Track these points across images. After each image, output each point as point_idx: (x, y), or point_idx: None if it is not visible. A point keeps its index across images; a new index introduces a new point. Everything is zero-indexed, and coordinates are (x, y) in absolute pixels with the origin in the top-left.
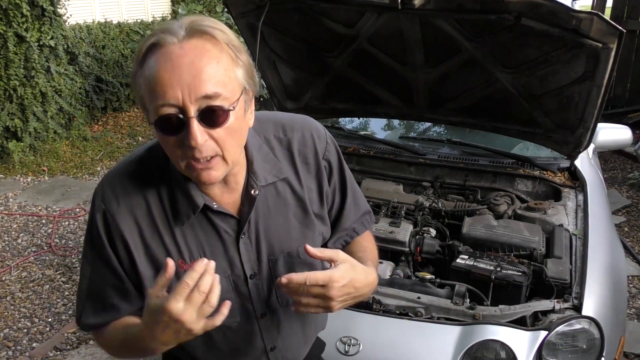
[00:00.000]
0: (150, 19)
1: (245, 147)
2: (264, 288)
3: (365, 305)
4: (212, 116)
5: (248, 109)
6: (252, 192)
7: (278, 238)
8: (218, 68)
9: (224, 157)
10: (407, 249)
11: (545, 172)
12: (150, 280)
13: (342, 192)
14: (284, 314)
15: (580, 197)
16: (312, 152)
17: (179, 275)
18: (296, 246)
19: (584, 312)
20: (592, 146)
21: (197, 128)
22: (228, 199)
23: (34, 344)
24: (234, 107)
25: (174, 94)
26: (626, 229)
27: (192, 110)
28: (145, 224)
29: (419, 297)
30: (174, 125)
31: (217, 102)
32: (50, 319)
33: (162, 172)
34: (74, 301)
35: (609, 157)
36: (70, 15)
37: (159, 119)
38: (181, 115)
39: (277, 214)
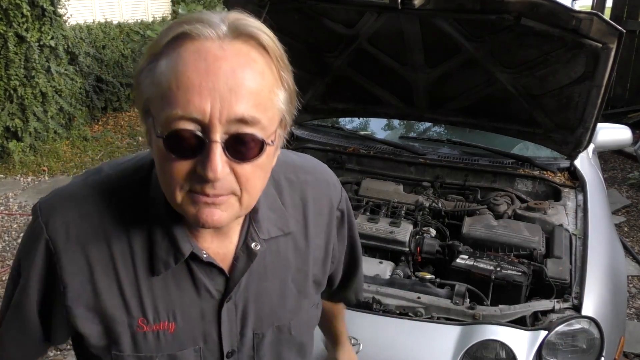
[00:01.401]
0: (150, 19)
1: None
2: None
3: (365, 305)
4: (242, 147)
5: (279, 146)
6: (253, 245)
7: (270, 308)
8: (262, 86)
9: (240, 198)
10: (407, 249)
11: (545, 172)
12: (96, 337)
13: (352, 250)
14: None
15: (580, 197)
16: (327, 200)
17: (135, 338)
18: (289, 319)
19: (584, 312)
20: (592, 146)
21: (219, 156)
22: (218, 249)
23: None
24: (271, 142)
25: (200, 105)
26: (626, 229)
27: (219, 133)
28: (101, 266)
29: (419, 297)
30: (190, 146)
31: (251, 130)
32: None
33: (138, 203)
34: None
35: (609, 157)
36: (71, 15)
37: (172, 134)
38: (201, 135)
39: (274, 277)
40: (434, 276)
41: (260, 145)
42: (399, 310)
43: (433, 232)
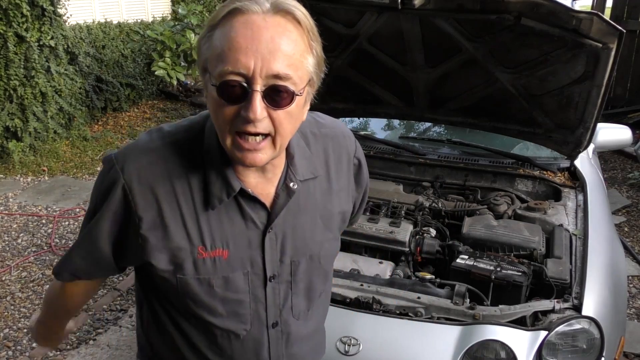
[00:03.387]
0: (150, 19)
1: None
2: (281, 294)
3: (365, 305)
4: (277, 96)
5: (307, 102)
6: (291, 185)
7: (303, 239)
8: (295, 51)
9: (274, 140)
10: (407, 249)
11: (545, 172)
12: (164, 263)
13: (364, 193)
14: (295, 327)
15: (580, 197)
16: (345, 150)
17: (196, 263)
18: (318, 250)
19: (584, 312)
20: (592, 146)
21: (259, 102)
22: (262, 190)
23: (34, 344)
24: (300, 93)
25: (246, 62)
26: (626, 229)
27: (259, 85)
28: (167, 202)
29: (419, 297)
30: (237, 94)
31: (285, 84)
32: None
33: (195, 153)
34: None
35: (609, 157)
36: (70, 15)
37: (223, 83)
38: (246, 85)
39: (306, 213)
40: (434, 276)
41: (292, 96)
42: (399, 310)
43: (433, 232)
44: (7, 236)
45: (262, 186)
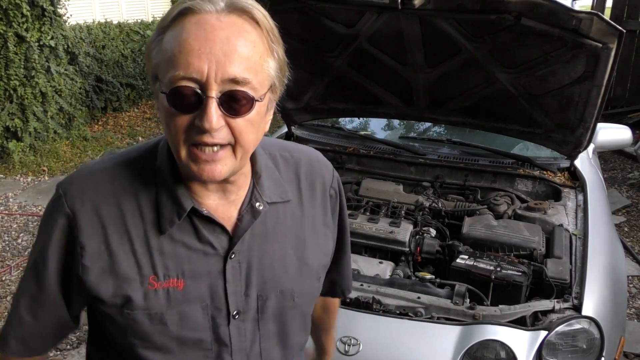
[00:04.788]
0: (150, 19)
1: (252, 160)
2: (247, 335)
3: (365, 305)
4: (235, 103)
5: (270, 110)
6: (257, 205)
7: (272, 271)
8: (253, 53)
9: (234, 149)
10: (407, 249)
11: (545, 172)
12: (109, 296)
13: (341, 233)
14: None
15: (580, 197)
16: (320, 178)
17: (146, 295)
18: (291, 285)
19: (584, 312)
20: (592, 146)
21: (214, 109)
22: (223, 214)
23: None
24: (261, 99)
25: (199, 66)
26: (626, 229)
27: (215, 90)
28: (114, 228)
29: (419, 297)
30: (190, 102)
31: (243, 89)
32: None
33: (146, 172)
34: None
35: (609, 157)
36: (71, 15)
37: (174, 90)
38: (200, 91)
39: (275, 241)
40: (434, 276)
41: (251, 103)
42: (399, 310)
43: (433, 232)
44: (7, 236)
45: (223, 209)
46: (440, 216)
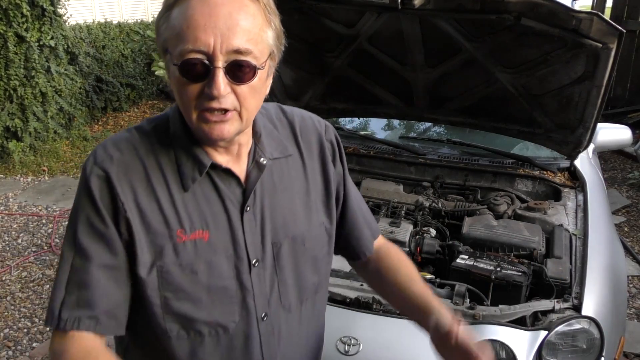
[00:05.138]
0: (150, 19)
1: (252, 122)
2: (267, 281)
3: (365, 305)
4: (239, 71)
5: (270, 75)
6: (261, 160)
7: (283, 219)
8: (253, 25)
9: (240, 113)
10: (407, 249)
11: (545, 172)
12: (144, 253)
13: (346, 181)
14: (285, 320)
15: (580, 197)
16: (315, 133)
17: (176, 248)
18: (301, 231)
19: (584, 312)
20: (592, 146)
21: (221, 78)
22: (233, 169)
23: (34, 344)
24: (262, 67)
25: (205, 40)
26: (626, 229)
27: (221, 61)
28: (142, 188)
29: None
30: (198, 72)
31: (246, 58)
32: None
33: (163, 138)
34: None
35: (609, 157)
36: (70, 15)
37: (185, 62)
38: (207, 62)
39: (283, 192)
40: (434, 276)
41: (254, 70)
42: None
43: (433, 232)
44: (7, 236)
45: (233, 165)
46: (440, 216)
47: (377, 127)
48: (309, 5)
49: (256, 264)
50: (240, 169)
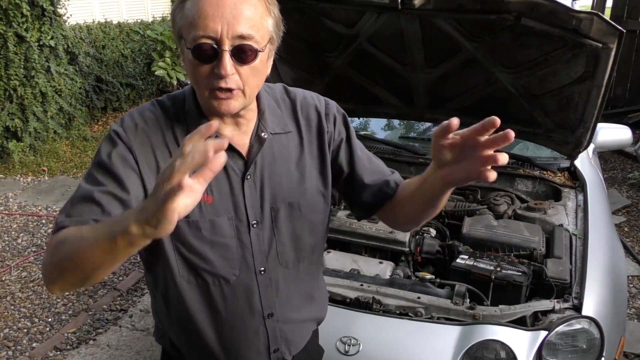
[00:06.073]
0: (150, 19)
1: (257, 98)
2: (265, 240)
3: (365, 305)
4: (243, 54)
5: (270, 57)
6: (262, 135)
7: (280, 187)
8: (255, 13)
9: (244, 91)
10: (407, 249)
11: (545, 172)
12: None
13: (349, 143)
14: (283, 275)
15: (580, 197)
16: (313, 108)
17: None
18: (297, 198)
19: (584, 312)
20: (592, 146)
21: (228, 60)
22: (238, 142)
23: (34, 344)
24: (262, 50)
25: (214, 27)
26: (626, 229)
27: (227, 45)
28: (160, 151)
29: (419, 297)
30: (209, 54)
31: (249, 42)
32: (50, 319)
33: (179, 113)
34: (74, 301)
35: (609, 157)
36: (70, 15)
37: (197, 46)
38: (216, 46)
39: (281, 163)
40: (434, 276)
41: (255, 53)
42: (399, 310)
43: (433, 232)
44: (7, 236)
45: (238, 138)
46: (440, 216)
47: (377, 127)
48: (309, 5)
49: (255, 225)
50: (244, 142)
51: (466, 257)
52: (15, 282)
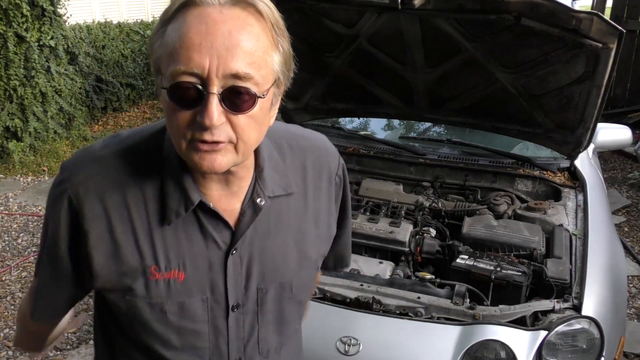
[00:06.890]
0: (150, 19)
1: (256, 151)
2: (245, 326)
3: (365, 305)
4: (237, 99)
5: (275, 104)
6: (258, 201)
7: (273, 264)
8: (257, 47)
9: (236, 146)
10: (407, 249)
11: (545, 172)
12: (112, 284)
13: (344, 215)
14: None
15: (580, 197)
16: (327, 166)
17: (147, 285)
18: (291, 277)
19: (584, 312)
20: (592, 146)
21: (216, 106)
22: (226, 206)
23: None
24: (263, 95)
25: (200, 61)
26: (626, 229)
27: (216, 86)
28: (117, 217)
29: (419, 297)
30: (191, 97)
31: (245, 85)
32: None
33: (153, 159)
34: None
35: (609, 157)
36: (70, 15)
37: (175, 85)
38: (201, 87)
39: (277, 234)
40: (434, 276)
41: (254, 99)
42: (399, 310)
43: (433, 232)
44: (7, 236)
45: (227, 201)
46: (440, 216)
47: (377, 127)
48: (309, 5)
49: (236, 309)
50: (234, 206)
51: (466, 257)
52: (15, 282)
